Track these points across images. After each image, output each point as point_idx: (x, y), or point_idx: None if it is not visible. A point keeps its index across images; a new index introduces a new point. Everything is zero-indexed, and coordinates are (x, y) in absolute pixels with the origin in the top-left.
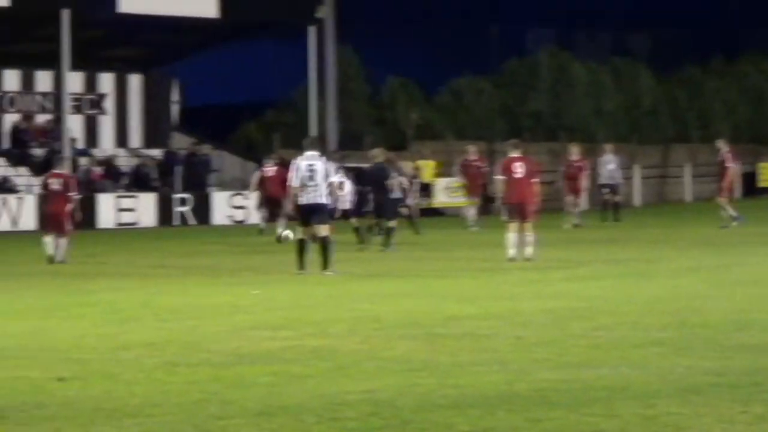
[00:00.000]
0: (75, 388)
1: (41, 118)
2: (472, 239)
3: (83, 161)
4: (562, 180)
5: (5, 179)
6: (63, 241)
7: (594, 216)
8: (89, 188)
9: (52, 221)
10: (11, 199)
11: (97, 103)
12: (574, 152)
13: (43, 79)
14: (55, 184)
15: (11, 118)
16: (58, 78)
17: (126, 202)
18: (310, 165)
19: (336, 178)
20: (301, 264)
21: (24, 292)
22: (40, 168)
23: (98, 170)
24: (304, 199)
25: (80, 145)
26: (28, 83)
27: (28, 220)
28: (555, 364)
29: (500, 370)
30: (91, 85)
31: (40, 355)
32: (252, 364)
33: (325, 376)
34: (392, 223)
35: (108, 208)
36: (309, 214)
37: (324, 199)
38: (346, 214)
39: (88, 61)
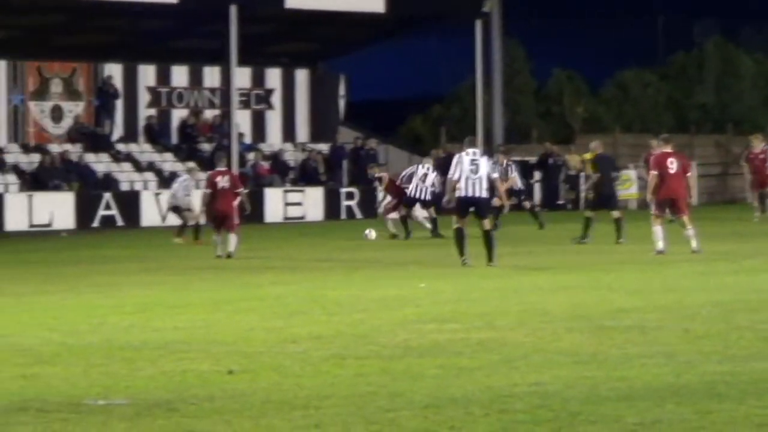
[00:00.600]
0: (244, 380)
1: (209, 114)
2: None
3: (250, 156)
4: (746, 172)
5: (174, 174)
6: (232, 237)
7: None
8: (257, 183)
9: (221, 219)
10: None
11: (264, 98)
12: (757, 144)
13: (211, 75)
14: (223, 182)
15: (180, 114)
16: (226, 73)
17: (293, 197)
18: (474, 159)
19: (496, 175)
20: (462, 251)
21: (193, 286)
22: (208, 163)
23: (265, 165)
24: (467, 192)
25: (247, 140)
26: (196, 79)
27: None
28: (722, 356)
29: (668, 363)
30: (258, 80)
31: (209, 349)
32: (420, 356)
33: (492, 369)
34: (617, 214)
35: (275, 203)
36: (469, 207)
37: (486, 194)
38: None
39: (255, 57)
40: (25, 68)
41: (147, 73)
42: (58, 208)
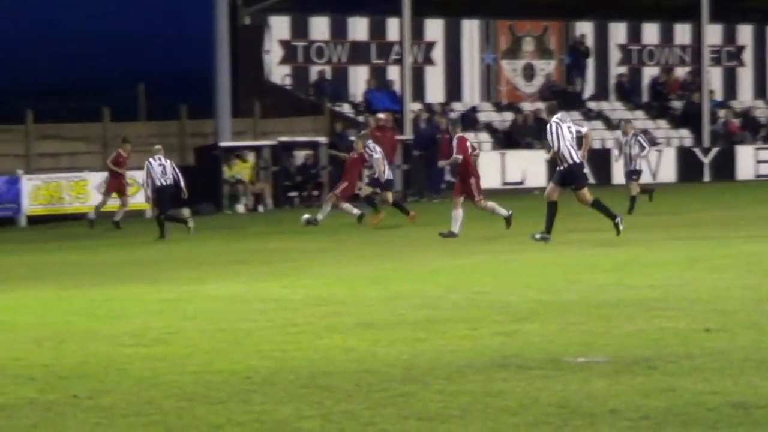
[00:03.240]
0: (722, 339)
1: (680, 71)
2: None
3: (721, 113)
4: None
5: (645, 132)
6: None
7: None
8: (728, 140)
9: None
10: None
11: (735, 54)
12: None
13: (682, 32)
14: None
15: (650, 72)
16: (697, 30)
17: (764, 154)
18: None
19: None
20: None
21: (666, 245)
22: (679, 121)
23: (736, 122)
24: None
25: (718, 97)
26: (667, 36)
27: (669, 172)
28: None
29: None
30: (729, 36)
31: (686, 306)
32: None
33: None
34: None
35: (746, 160)
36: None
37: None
38: None
39: (727, 13)
40: (497, 27)
41: (618, 31)
42: (530, 166)
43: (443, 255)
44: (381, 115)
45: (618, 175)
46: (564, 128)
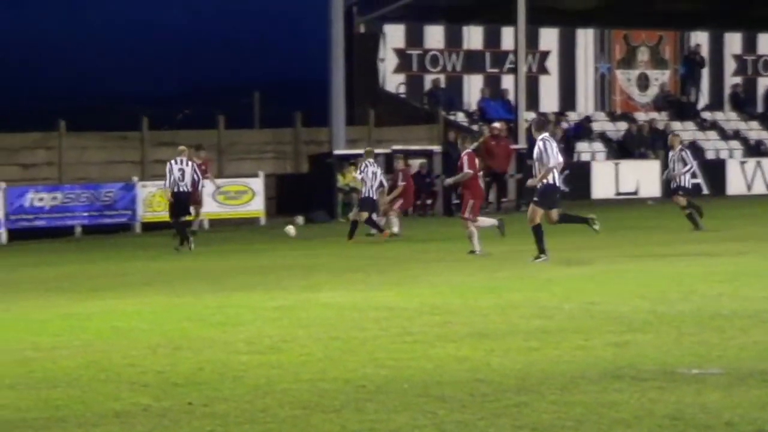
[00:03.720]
0: None
1: None
2: None
3: None
4: None
5: (759, 143)
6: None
7: None
8: None
9: None
10: (766, 162)
11: None
12: None
13: None
14: None
15: (765, 82)
16: None
17: None
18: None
19: None
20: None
21: None
22: None
23: None
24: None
25: None
26: None
27: None
28: None
29: None
30: None
31: None
32: None
33: None
34: None
35: None
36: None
37: None
38: None
39: None
40: (612, 36)
41: (733, 41)
42: (644, 176)
43: (557, 265)
44: (496, 125)
45: (733, 186)
46: (554, 146)
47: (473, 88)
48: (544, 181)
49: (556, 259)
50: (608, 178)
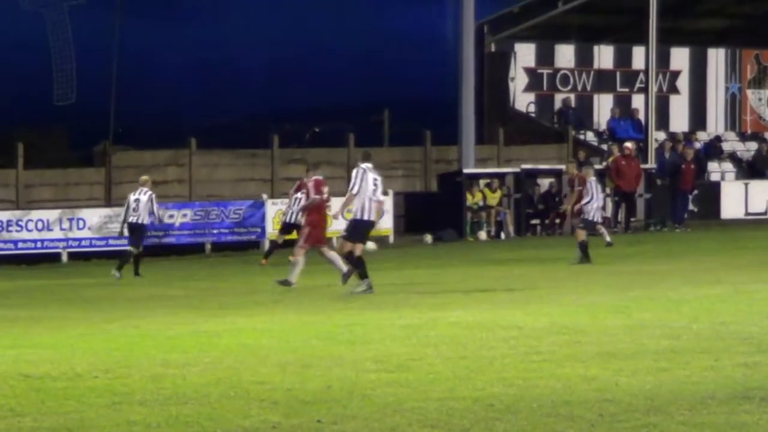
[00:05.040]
0: None
1: None
2: None
3: None
4: None
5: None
6: None
7: None
8: None
9: None
10: None
11: None
12: None
13: None
14: None
15: None
16: None
17: None
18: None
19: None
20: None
21: None
22: None
23: None
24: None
25: None
26: None
27: None
28: None
29: None
30: None
31: None
32: None
33: None
34: None
35: None
36: None
37: None
38: None
39: None
40: (742, 56)
41: None
42: None
43: (686, 284)
44: (627, 144)
45: None
46: (369, 178)
47: (603, 107)
48: (359, 216)
49: (689, 280)
50: (738, 198)
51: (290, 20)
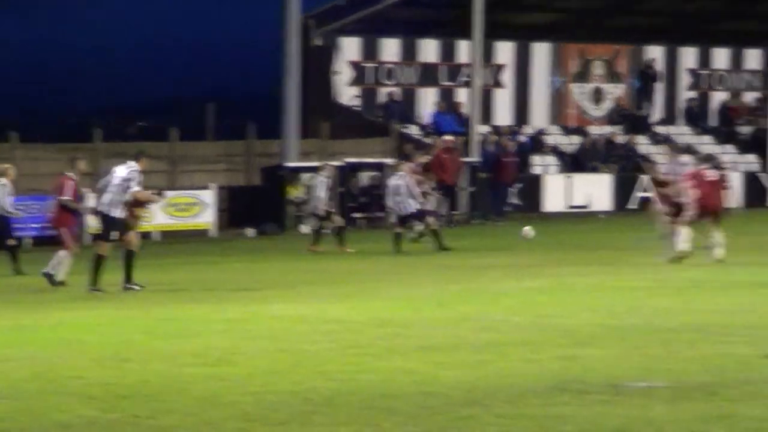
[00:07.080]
0: None
1: (749, 97)
2: None
3: None
4: None
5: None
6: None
7: None
8: None
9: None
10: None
11: None
12: None
13: (752, 58)
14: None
15: (719, 97)
16: (767, 56)
17: None
18: None
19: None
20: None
21: (733, 269)
22: (746, 147)
23: None
24: None
25: None
26: (737, 61)
27: (735, 197)
28: None
29: None
30: None
31: (748, 332)
32: None
33: None
34: None
35: None
36: None
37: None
38: None
39: None
40: (566, 51)
41: (687, 56)
42: (596, 190)
43: (507, 277)
44: (448, 137)
45: None
46: (138, 179)
47: (427, 101)
48: (112, 214)
49: (510, 273)
50: (560, 191)
51: (110, 12)
